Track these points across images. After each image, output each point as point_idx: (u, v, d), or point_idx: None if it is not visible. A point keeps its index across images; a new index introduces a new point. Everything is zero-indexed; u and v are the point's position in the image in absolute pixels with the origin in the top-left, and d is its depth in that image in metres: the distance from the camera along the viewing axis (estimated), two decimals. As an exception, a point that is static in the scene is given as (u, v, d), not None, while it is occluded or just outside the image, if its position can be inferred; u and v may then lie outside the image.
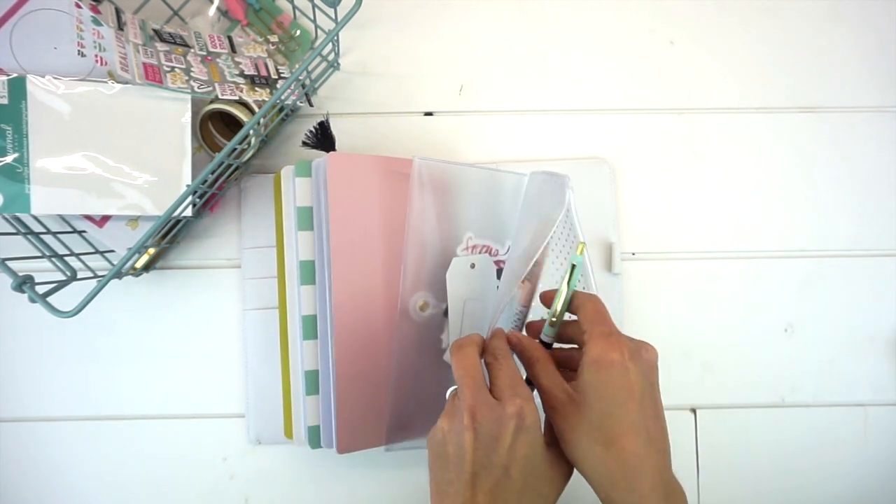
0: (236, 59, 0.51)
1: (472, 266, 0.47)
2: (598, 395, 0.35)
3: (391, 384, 0.47)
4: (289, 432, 0.49)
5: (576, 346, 0.41)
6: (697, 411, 0.55)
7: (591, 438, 0.35)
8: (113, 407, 0.54)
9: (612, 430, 0.35)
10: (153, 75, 0.46)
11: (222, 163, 0.44)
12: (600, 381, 0.35)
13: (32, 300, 0.40)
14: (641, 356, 0.36)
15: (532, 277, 0.44)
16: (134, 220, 0.49)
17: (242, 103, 0.49)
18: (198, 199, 0.49)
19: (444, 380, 0.49)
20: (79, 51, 0.48)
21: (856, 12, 0.59)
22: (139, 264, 0.51)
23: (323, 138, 0.49)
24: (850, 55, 0.58)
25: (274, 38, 0.55)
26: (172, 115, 0.47)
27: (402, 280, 0.47)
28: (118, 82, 0.47)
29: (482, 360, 0.39)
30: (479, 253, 0.48)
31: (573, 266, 0.39)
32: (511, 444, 0.35)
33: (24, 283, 0.40)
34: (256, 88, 0.49)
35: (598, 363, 0.35)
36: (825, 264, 0.56)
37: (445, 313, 0.48)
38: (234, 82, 0.49)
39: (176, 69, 0.47)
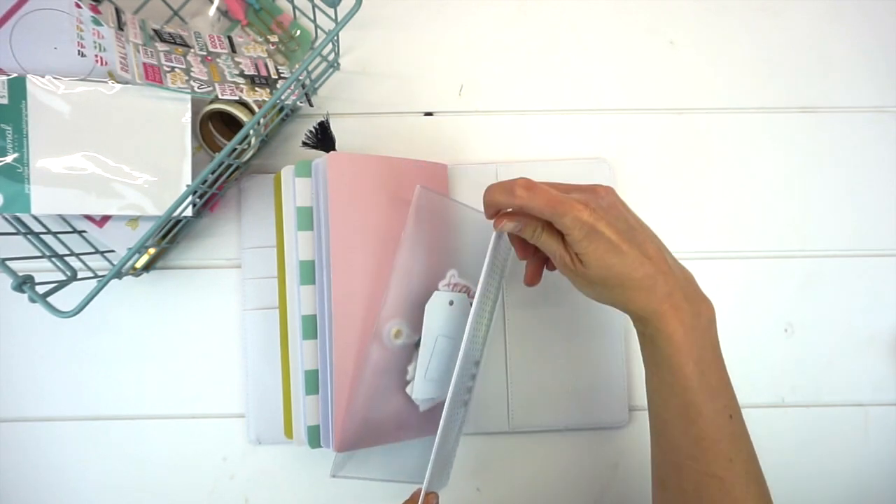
0: (236, 59, 0.51)
1: (451, 303, 0.47)
2: (595, 258, 0.39)
3: (349, 399, 0.46)
4: (289, 432, 0.49)
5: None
6: (697, 411, 0.55)
7: (605, 286, 0.40)
8: (113, 407, 0.54)
9: (618, 277, 0.39)
10: (153, 75, 0.46)
11: (222, 163, 0.44)
12: (591, 250, 0.39)
13: (32, 300, 0.40)
14: (602, 206, 0.40)
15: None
16: (134, 220, 0.49)
17: (242, 103, 0.49)
18: (198, 199, 0.49)
19: (396, 409, 0.48)
20: (79, 51, 0.48)
21: (855, 12, 0.59)
22: (139, 264, 0.51)
23: (323, 138, 0.49)
24: (850, 55, 0.58)
25: (274, 38, 0.55)
26: (172, 115, 0.47)
27: (382, 303, 0.46)
28: (118, 82, 0.47)
29: None
30: (459, 292, 0.48)
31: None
32: None
33: (24, 283, 0.40)
34: (256, 88, 0.49)
35: (584, 240, 0.39)
36: (825, 264, 0.56)
37: (417, 345, 0.47)
38: (234, 82, 0.49)
39: (176, 69, 0.47)
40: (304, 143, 0.49)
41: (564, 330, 0.54)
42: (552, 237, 0.41)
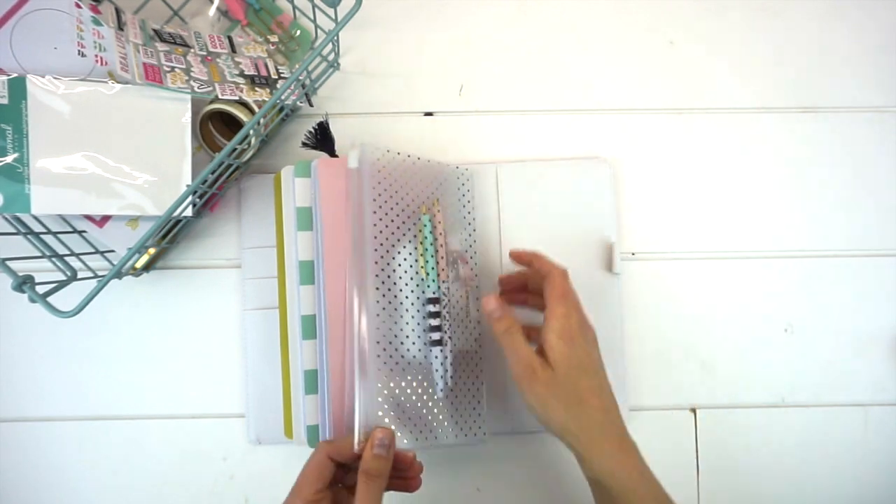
0: (236, 59, 0.51)
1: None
2: (567, 364, 0.42)
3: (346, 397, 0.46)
4: (289, 432, 0.49)
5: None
6: (697, 411, 0.55)
7: (566, 400, 0.41)
8: (113, 407, 0.54)
9: (581, 392, 0.42)
10: (153, 75, 0.46)
11: (222, 163, 0.44)
12: (568, 352, 0.42)
13: (32, 300, 0.40)
14: (588, 335, 0.44)
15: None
16: (134, 220, 0.49)
17: (242, 103, 0.50)
18: (198, 199, 0.49)
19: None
20: (79, 51, 0.48)
21: (856, 12, 0.59)
22: (139, 264, 0.51)
23: (322, 139, 0.49)
24: (851, 55, 0.58)
25: (274, 38, 0.55)
26: (172, 115, 0.47)
27: (347, 277, 0.46)
28: (118, 82, 0.47)
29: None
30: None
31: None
32: None
33: (24, 283, 0.40)
34: (256, 88, 0.49)
35: (564, 337, 0.42)
36: (825, 264, 0.56)
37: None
38: (234, 82, 0.49)
39: (176, 69, 0.47)
40: (304, 144, 0.49)
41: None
42: (523, 338, 0.43)
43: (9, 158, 0.45)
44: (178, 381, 0.54)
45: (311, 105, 0.55)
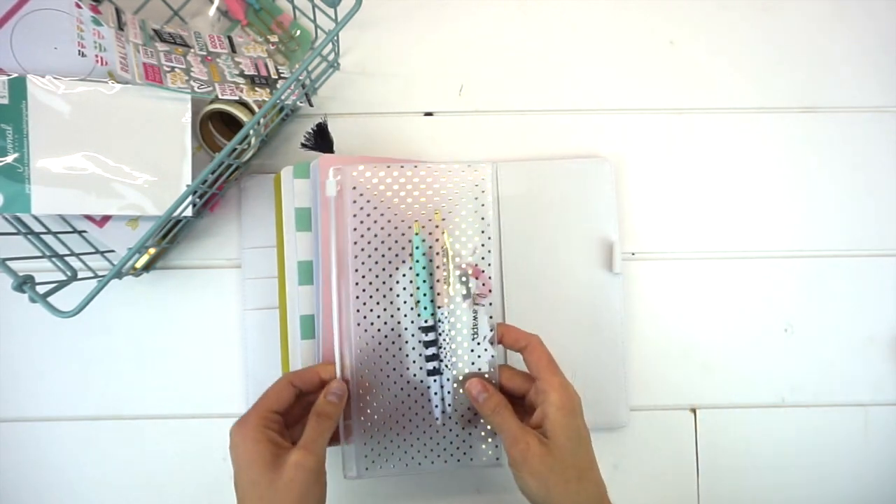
0: (236, 59, 0.51)
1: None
2: (567, 436, 0.41)
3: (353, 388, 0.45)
4: (289, 432, 0.49)
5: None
6: (697, 411, 0.55)
7: (565, 475, 0.40)
8: (113, 407, 0.54)
9: (581, 465, 0.41)
10: (153, 75, 0.46)
11: (222, 163, 0.44)
12: (568, 424, 0.41)
13: (33, 300, 0.40)
14: (580, 404, 0.43)
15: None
16: (134, 220, 0.49)
17: (242, 103, 0.50)
18: (198, 199, 0.49)
19: (406, 378, 0.46)
20: (79, 51, 0.48)
21: (857, 12, 0.59)
22: (139, 264, 0.51)
23: (321, 140, 0.49)
24: (851, 55, 0.58)
25: (274, 38, 0.55)
26: (172, 115, 0.47)
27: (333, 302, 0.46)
28: (118, 82, 0.47)
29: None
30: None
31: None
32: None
33: (24, 283, 0.40)
34: (256, 88, 0.49)
35: (565, 409, 0.41)
36: (825, 264, 0.56)
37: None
38: (234, 82, 0.49)
39: (176, 69, 0.47)
40: (303, 145, 0.49)
41: (563, 331, 0.54)
42: (513, 416, 0.43)
43: (9, 158, 0.45)
44: (178, 381, 0.54)
45: (311, 105, 0.55)
